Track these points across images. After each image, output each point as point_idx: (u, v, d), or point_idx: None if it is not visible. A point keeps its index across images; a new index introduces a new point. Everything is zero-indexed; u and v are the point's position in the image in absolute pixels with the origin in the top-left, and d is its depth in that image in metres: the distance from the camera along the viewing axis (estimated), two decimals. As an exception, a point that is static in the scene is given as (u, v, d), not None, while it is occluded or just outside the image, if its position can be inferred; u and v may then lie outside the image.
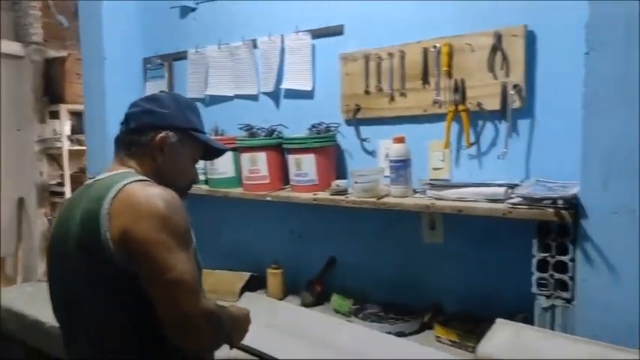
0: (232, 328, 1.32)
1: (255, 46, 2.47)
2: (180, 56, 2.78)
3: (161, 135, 1.33)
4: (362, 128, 2.18)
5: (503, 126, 1.81)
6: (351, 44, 2.17)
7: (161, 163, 1.34)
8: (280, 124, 2.32)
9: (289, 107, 2.42)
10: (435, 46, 1.91)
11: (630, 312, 1.40)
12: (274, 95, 2.46)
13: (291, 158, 2.17)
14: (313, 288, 2.30)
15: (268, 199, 2.20)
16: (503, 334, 1.22)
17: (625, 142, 1.39)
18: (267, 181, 2.24)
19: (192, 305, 1.14)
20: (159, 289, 1.15)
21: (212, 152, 1.52)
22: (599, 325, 1.44)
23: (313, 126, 2.20)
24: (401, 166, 1.88)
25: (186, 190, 1.43)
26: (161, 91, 1.46)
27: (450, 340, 1.81)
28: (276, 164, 2.25)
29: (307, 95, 2.34)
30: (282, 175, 2.27)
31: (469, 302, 1.94)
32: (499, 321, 1.30)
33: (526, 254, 1.60)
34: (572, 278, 1.51)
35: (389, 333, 1.88)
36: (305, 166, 2.13)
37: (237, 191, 2.34)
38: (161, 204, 1.18)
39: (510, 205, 1.59)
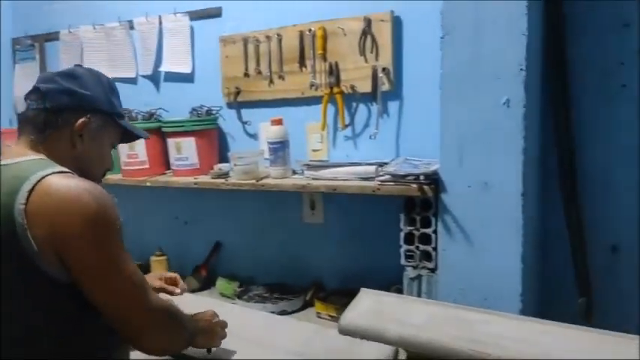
0: (195, 328, 1.26)
1: (132, 27, 2.39)
2: (52, 37, 2.63)
3: (82, 120, 1.19)
4: (243, 111, 2.18)
5: (375, 108, 1.88)
6: (230, 27, 2.16)
7: (80, 150, 1.21)
8: (160, 108, 2.27)
9: (170, 90, 2.37)
10: (310, 30, 1.95)
11: (483, 276, 1.53)
12: (154, 78, 2.40)
13: (171, 142, 2.13)
14: (199, 273, 2.29)
15: (148, 184, 2.15)
16: (365, 302, 1.29)
17: (476, 120, 1.50)
18: (147, 166, 2.19)
19: (148, 303, 1.10)
20: (109, 296, 1.08)
21: (127, 137, 1.39)
22: (458, 290, 1.56)
23: (194, 109, 2.17)
24: (279, 148, 1.90)
25: (101, 179, 1.31)
26: (77, 65, 1.32)
27: (329, 315, 1.89)
28: (155, 149, 2.19)
29: (188, 78, 2.30)
30: (163, 160, 2.22)
31: (348, 278, 2.02)
32: (363, 290, 1.37)
33: (397, 229, 1.69)
34: (435, 249, 1.62)
35: (272, 312, 1.91)
36: (185, 150, 2.10)
37: (115, 177, 2.25)
38: (93, 202, 1.07)
39: (379, 183, 1.67)
